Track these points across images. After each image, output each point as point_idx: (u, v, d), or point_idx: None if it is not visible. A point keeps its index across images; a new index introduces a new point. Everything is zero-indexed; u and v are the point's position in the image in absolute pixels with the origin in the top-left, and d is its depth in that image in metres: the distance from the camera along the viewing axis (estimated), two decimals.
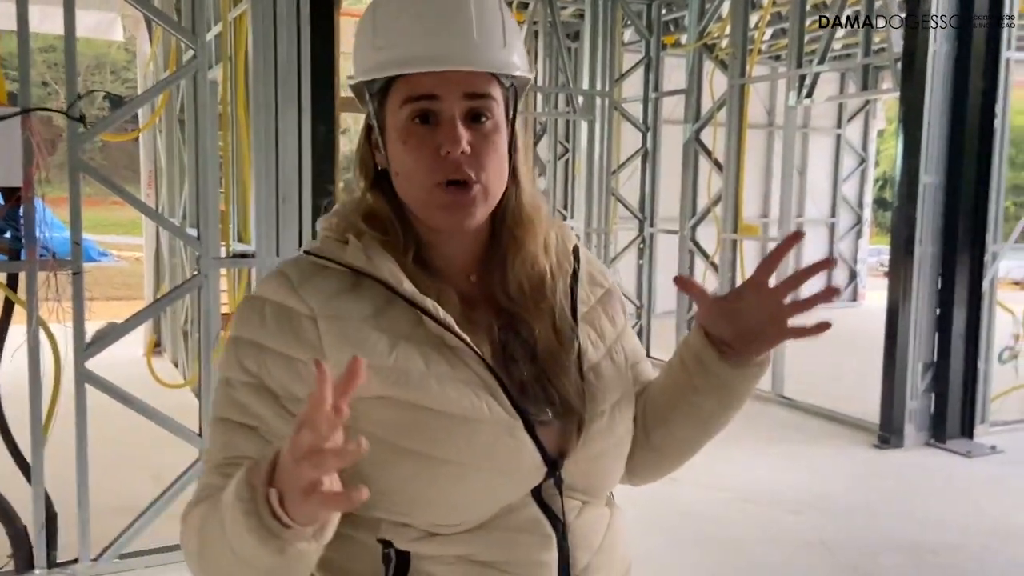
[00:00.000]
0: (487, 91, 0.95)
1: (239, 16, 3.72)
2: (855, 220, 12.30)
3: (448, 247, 1.01)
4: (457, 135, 0.92)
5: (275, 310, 0.93)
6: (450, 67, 0.92)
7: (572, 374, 0.99)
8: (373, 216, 0.99)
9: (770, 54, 10.68)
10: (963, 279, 5.21)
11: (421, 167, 0.94)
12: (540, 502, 0.94)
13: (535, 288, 1.01)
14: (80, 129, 3.07)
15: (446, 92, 0.92)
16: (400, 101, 0.94)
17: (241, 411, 0.92)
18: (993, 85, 5.10)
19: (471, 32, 0.92)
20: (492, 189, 0.96)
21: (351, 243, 0.95)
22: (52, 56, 23.69)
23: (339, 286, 0.94)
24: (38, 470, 3.11)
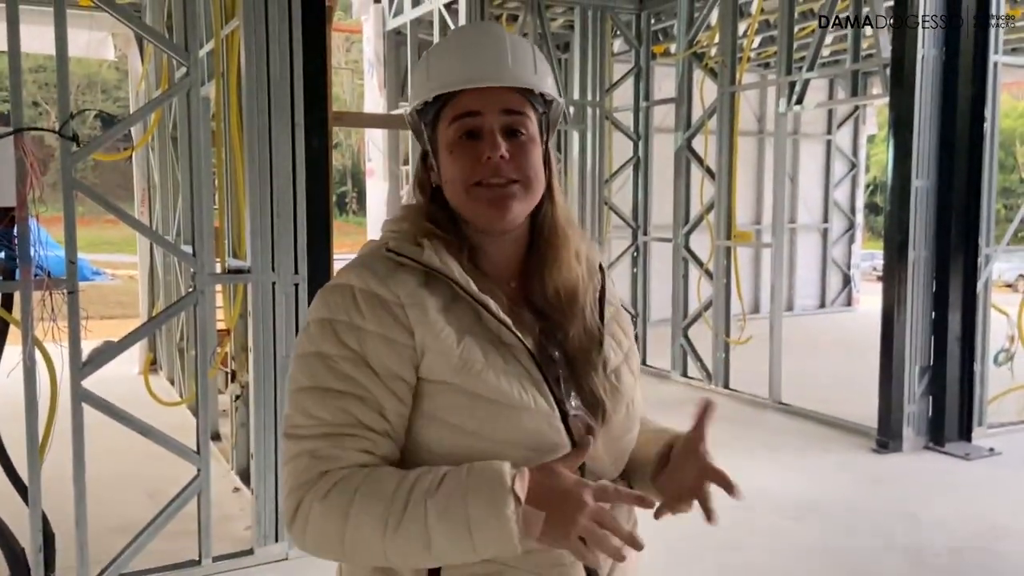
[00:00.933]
0: (522, 109, 1.11)
1: (231, 33, 3.73)
2: (847, 225, 12.35)
3: (493, 252, 1.15)
4: (496, 142, 1.09)
5: (366, 297, 1.06)
6: (486, 84, 1.09)
7: (600, 373, 1.14)
8: (435, 223, 1.14)
9: (759, 61, 10.74)
10: (957, 282, 5.23)
11: (465, 171, 1.10)
12: None
13: (569, 294, 1.15)
14: (73, 148, 3.07)
15: (486, 108, 1.10)
16: (448, 121, 1.11)
17: (347, 381, 1.04)
18: (982, 89, 5.13)
19: (506, 59, 1.11)
20: (531, 187, 1.12)
21: (426, 246, 1.10)
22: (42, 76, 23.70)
23: (416, 281, 1.08)
24: (35, 491, 3.09)
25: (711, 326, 6.91)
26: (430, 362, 1.05)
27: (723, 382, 6.82)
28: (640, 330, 7.99)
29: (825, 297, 12.17)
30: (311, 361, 1.06)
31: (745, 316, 6.92)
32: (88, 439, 3.17)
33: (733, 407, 6.39)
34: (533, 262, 1.17)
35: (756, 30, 7.66)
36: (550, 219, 1.17)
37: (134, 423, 3.25)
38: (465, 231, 1.14)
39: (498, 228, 1.12)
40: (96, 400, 3.15)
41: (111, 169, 20.94)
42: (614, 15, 7.66)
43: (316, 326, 1.07)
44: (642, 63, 7.89)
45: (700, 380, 7.05)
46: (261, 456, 3.49)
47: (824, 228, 12.01)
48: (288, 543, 3.54)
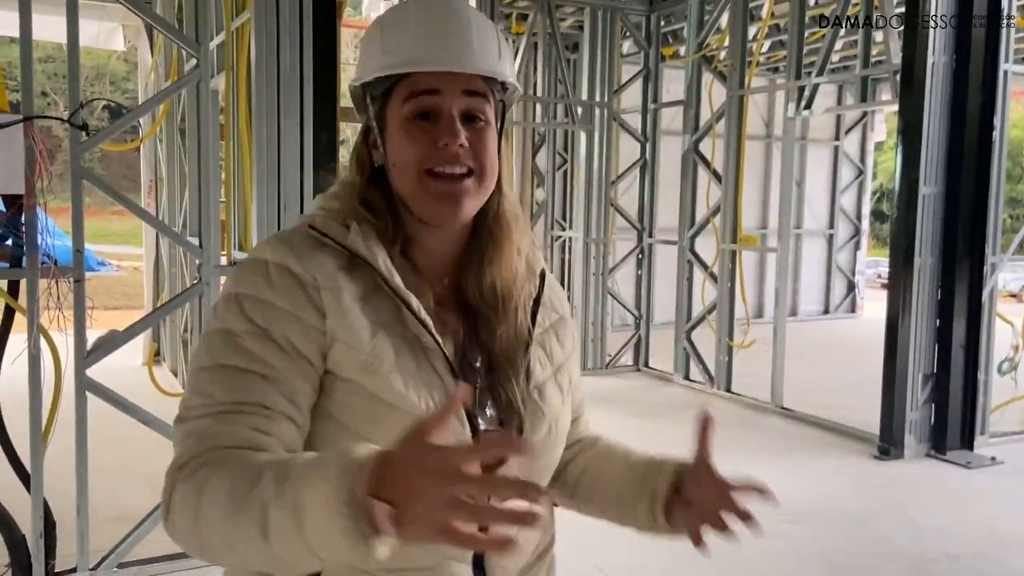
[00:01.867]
0: (483, 91, 1.04)
1: (241, 26, 3.73)
2: (853, 232, 12.33)
3: (431, 244, 1.07)
4: (456, 128, 1.01)
5: (280, 272, 0.97)
6: (452, 68, 1.01)
7: (521, 387, 1.05)
8: (369, 206, 1.05)
9: (768, 66, 10.73)
10: (962, 290, 5.22)
11: (418, 156, 1.01)
12: None
13: (504, 290, 1.07)
14: (82, 137, 3.08)
15: (446, 88, 1.01)
16: (403, 97, 1.02)
17: (249, 359, 0.93)
18: (991, 97, 5.12)
19: (471, 41, 1.02)
20: (485, 182, 1.04)
21: (352, 229, 1.01)
22: (51, 66, 23.74)
23: (336, 264, 0.99)
24: (37, 478, 3.10)
25: (714, 329, 6.91)
26: (337, 354, 0.95)
27: (725, 386, 6.81)
28: (643, 332, 7.99)
29: (829, 303, 12.15)
30: (214, 338, 0.95)
31: (749, 320, 6.91)
32: (91, 428, 3.18)
33: (735, 411, 6.38)
34: (472, 255, 1.08)
35: (766, 34, 7.66)
36: (495, 210, 1.08)
37: (137, 412, 3.26)
38: (403, 218, 1.05)
39: (446, 224, 1.04)
40: (100, 389, 3.16)
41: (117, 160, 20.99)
42: (624, 16, 7.65)
43: (223, 302, 0.98)
44: (651, 65, 7.88)
45: (702, 383, 7.04)
46: None
47: (830, 234, 11.99)
48: None
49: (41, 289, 3.01)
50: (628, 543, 1.12)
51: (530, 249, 1.13)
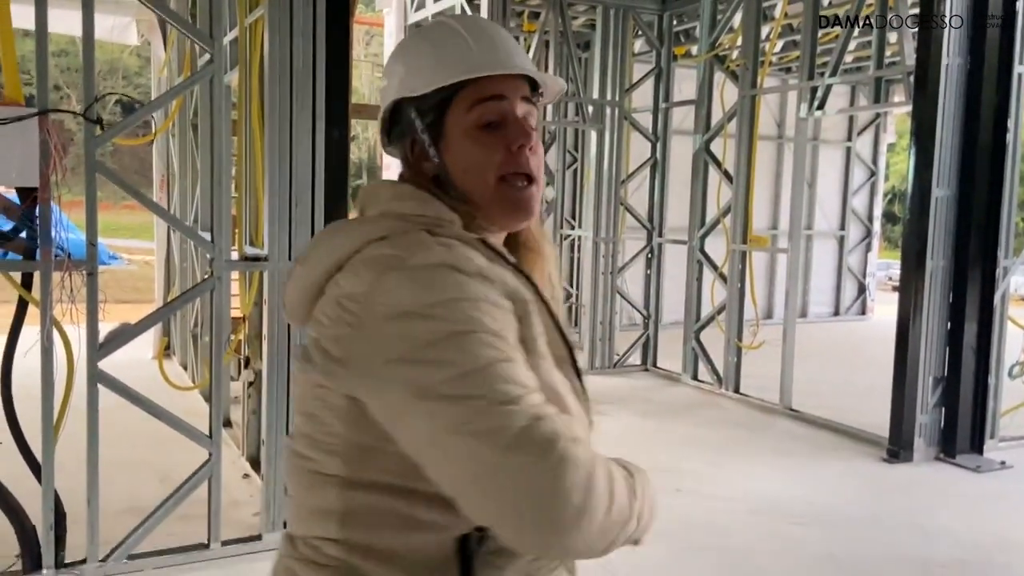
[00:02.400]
0: (534, 100, 1.09)
1: (255, 22, 3.75)
2: (864, 233, 12.27)
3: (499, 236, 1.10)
4: (528, 129, 1.05)
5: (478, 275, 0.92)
6: (519, 71, 1.05)
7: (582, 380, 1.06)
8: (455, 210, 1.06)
9: (781, 66, 10.69)
10: (974, 293, 5.19)
11: (494, 161, 1.03)
12: None
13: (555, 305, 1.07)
14: (97, 131, 3.09)
15: (511, 94, 1.05)
16: (468, 105, 1.04)
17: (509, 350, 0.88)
18: (1006, 100, 5.09)
19: (520, 49, 1.10)
20: (541, 189, 1.08)
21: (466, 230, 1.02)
22: (64, 60, 23.86)
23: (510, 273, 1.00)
24: (48, 470, 3.12)
25: (724, 330, 6.89)
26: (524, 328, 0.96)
27: (734, 386, 6.80)
28: (652, 332, 7.98)
29: (839, 305, 12.10)
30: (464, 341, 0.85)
31: (758, 321, 6.89)
32: (102, 421, 3.20)
33: (743, 412, 6.37)
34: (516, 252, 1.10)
35: (779, 34, 7.63)
36: (535, 225, 1.11)
37: (147, 405, 3.28)
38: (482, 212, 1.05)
39: (516, 227, 1.08)
40: (111, 381, 3.18)
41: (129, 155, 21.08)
42: (636, 15, 7.64)
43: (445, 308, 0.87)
44: (663, 64, 7.86)
45: (711, 384, 7.03)
46: (272, 443, 3.51)
47: (841, 236, 11.94)
48: None
49: (54, 282, 3.03)
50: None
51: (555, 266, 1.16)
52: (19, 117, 2.90)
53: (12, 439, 3.15)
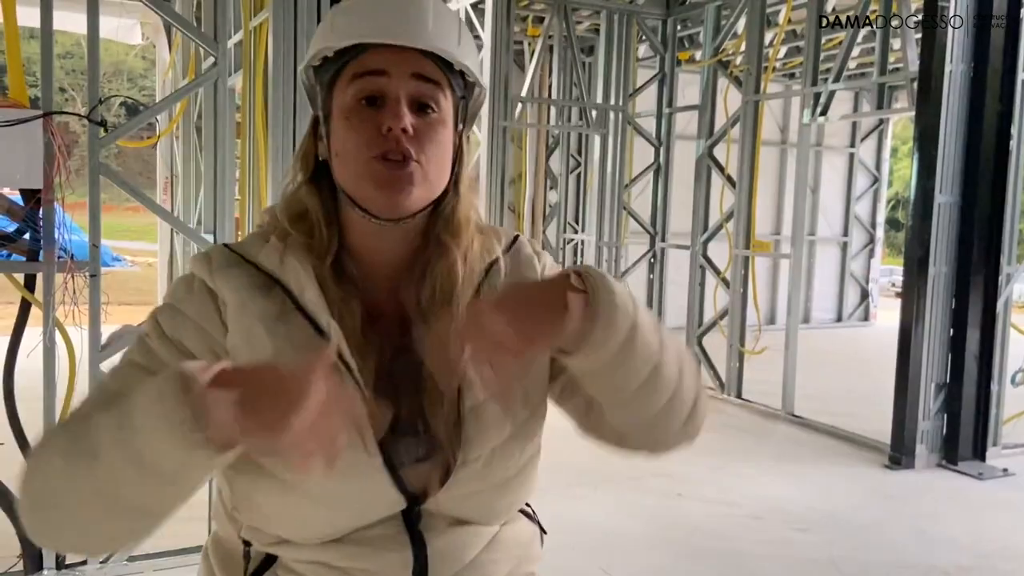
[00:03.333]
0: (436, 79, 0.95)
1: (259, 25, 3.76)
2: (867, 239, 12.26)
3: (375, 247, 0.99)
4: (400, 111, 0.92)
5: (199, 285, 0.97)
6: (398, 41, 0.92)
7: (445, 415, 0.95)
8: (302, 217, 0.99)
9: (784, 71, 10.69)
10: (977, 300, 5.18)
11: (361, 142, 0.93)
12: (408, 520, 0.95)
13: (444, 295, 0.97)
14: (101, 133, 3.10)
15: (395, 70, 0.93)
16: (348, 79, 0.95)
17: (148, 357, 0.95)
18: (1010, 106, 5.09)
19: (426, 21, 0.94)
20: (430, 174, 0.95)
21: (270, 243, 0.97)
22: (69, 62, 23.94)
23: (251, 282, 0.96)
24: None
25: (726, 335, 6.89)
26: None
27: (736, 392, 6.79)
28: None
29: (842, 311, 12.09)
30: (135, 343, 0.99)
31: (761, 327, 6.89)
32: None
33: (745, 417, 6.36)
34: (417, 262, 1.00)
35: (782, 40, 7.63)
36: (447, 213, 0.99)
37: None
38: (344, 221, 0.98)
39: (392, 213, 0.95)
40: None
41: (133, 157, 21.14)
42: (640, 20, 7.65)
43: (152, 312, 1.01)
44: (666, 69, 7.87)
45: (713, 389, 7.02)
46: None
47: (844, 241, 11.93)
48: None
49: (57, 283, 3.04)
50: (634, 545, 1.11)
51: (482, 245, 1.02)
52: (24, 119, 2.91)
53: (14, 440, 3.15)
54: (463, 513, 0.97)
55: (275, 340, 0.91)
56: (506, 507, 1.02)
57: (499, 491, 0.99)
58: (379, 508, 0.94)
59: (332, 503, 0.92)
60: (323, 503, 0.92)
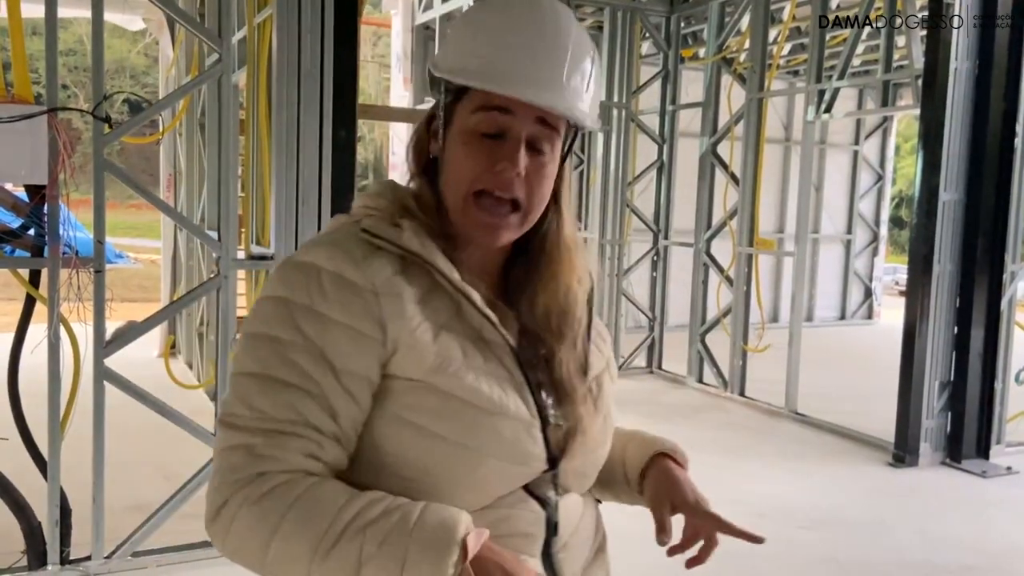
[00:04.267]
0: (556, 125, 1.00)
1: (263, 21, 3.76)
2: (871, 237, 12.24)
3: (476, 246, 1.04)
4: (518, 156, 0.97)
5: (334, 281, 0.94)
6: (533, 101, 0.96)
7: (583, 383, 1.06)
8: (418, 202, 1.03)
9: (788, 69, 10.67)
10: (981, 298, 5.17)
11: (472, 174, 0.98)
12: (528, 489, 1.02)
13: (560, 316, 1.05)
14: (105, 130, 3.10)
15: (521, 112, 0.97)
16: (474, 107, 0.98)
17: (299, 374, 0.91)
18: (1014, 103, 5.08)
19: (561, 71, 0.97)
20: (531, 216, 1.01)
21: (406, 227, 0.98)
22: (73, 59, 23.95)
23: (393, 268, 0.96)
24: (54, 466, 3.13)
25: (729, 333, 6.88)
26: (401, 359, 0.94)
27: (739, 390, 6.79)
28: (657, 335, 7.97)
29: (846, 309, 12.07)
30: (260, 344, 0.93)
31: (764, 325, 6.88)
32: (107, 419, 3.21)
33: (748, 415, 6.35)
34: (524, 273, 1.06)
35: (787, 37, 7.61)
36: (555, 235, 1.06)
37: (153, 403, 3.28)
38: (450, 215, 1.03)
39: (483, 246, 1.02)
40: (117, 379, 3.19)
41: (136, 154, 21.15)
42: (644, 17, 7.63)
43: (271, 304, 0.95)
44: (670, 66, 7.86)
45: (716, 387, 7.02)
46: None
47: (847, 239, 11.91)
48: None
49: (61, 279, 3.04)
50: (635, 548, 1.12)
51: (587, 263, 1.10)
52: (28, 115, 2.91)
53: (19, 436, 3.16)
54: (579, 476, 1.07)
55: (427, 321, 0.95)
56: (594, 475, 1.13)
57: (601, 455, 1.12)
58: (531, 465, 0.99)
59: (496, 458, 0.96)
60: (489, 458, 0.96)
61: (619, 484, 1.20)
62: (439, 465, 0.95)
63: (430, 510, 0.88)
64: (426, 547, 0.84)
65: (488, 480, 0.97)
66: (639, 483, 1.17)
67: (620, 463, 1.19)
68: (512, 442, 0.96)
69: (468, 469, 0.95)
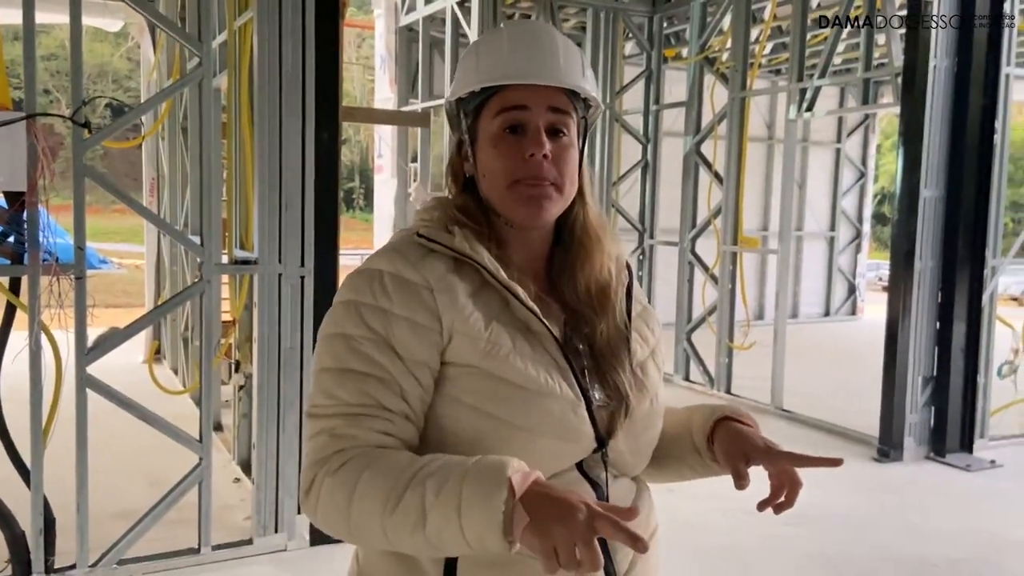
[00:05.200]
0: (567, 109, 1.14)
1: (244, 24, 3.74)
2: (854, 234, 12.33)
3: (519, 247, 1.17)
4: (541, 140, 1.11)
5: (394, 280, 1.07)
6: (539, 81, 1.11)
7: (626, 367, 1.15)
8: (466, 213, 1.16)
9: (770, 68, 10.73)
10: (963, 293, 5.22)
11: (508, 167, 1.12)
12: (582, 471, 1.11)
13: (600, 291, 1.18)
14: (85, 135, 3.08)
15: (534, 104, 1.12)
16: (494, 112, 1.13)
17: (369, 363, 1.05)
18: (993, 100, 5.13)
19: (558, 59, 1.14)
20: (564, 191, 1.14)
21: (457, 233, 1.11)
22: (54, 64, 23.78)
23: (446, 267, 1.10)
24: (37, 475, 3.11)
25: (715, 331, 6.91)
26: (457, 346, 1.06)
27: (725, 387, 6.82)
28: None
29: (830, 305, 12.15)
30: (334, 342, 1.07)
31: (749, 322, 6.91)
32: (91, 426, 3.18)
33: None
34: (562, 260, 1.19)
35: (768, 36, 7.66)
36: (582, 221, 1.19)
37: (137, 410, 3.26)
38: (495, 223, 1.16)
39: (531, 225, 1.14)
40: (100, 386, 3.17)
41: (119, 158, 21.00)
42: (626, 17, 7.66)
43: (342, 308, 1.09)
44: (653, 66, 7.89)
45: (702, 384, 7.05)
46: (263, 447, 3.50)
47: (831, 236, 11.99)
48: (287, 534, 3.56)
49: (42, 286, 3.02)
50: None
51: (619, 249, 1.24)
52: (7, 121, 2.89)
53: (1, 444, 3.13)
54: (627, 456, 1.15)
55: (479, 312, 1.08)
56: (644, 459, 1.21)
57: (651, 438, 1.20)
58: (580, 443, 1.09)
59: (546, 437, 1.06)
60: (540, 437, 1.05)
61: (689, 455, 1.25)
62: (495, 443, 1.04)
63: (482, 459, 0.96)
64: (476, 489, 0.91)
65: (542, 456, 1.05)
66: (709, 449, 1.22)
67: (688, 433, 1.25)
68: (560, 420, 1.06)
69: (521, 445, 1.04)
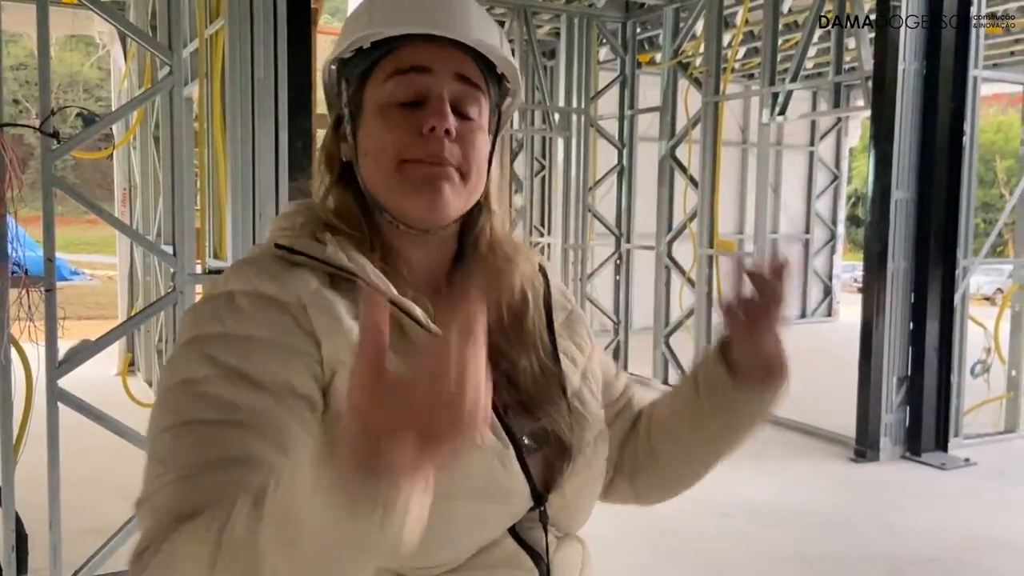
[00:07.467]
0: (477, 82, 0.89)
1: (215, 33, 3.71)
2: (829, 236, 12.45)
3: (412, 256, 0.91)
4: (445, 111, 0.85)
5: (250, 299, 0.81)
6: (447, 33, 0.86)
7: (561, 404, 0.92)
8: (340, 215, 0.90)
9: (743, 72, 10.82)
10: (935, 294, 5.28)
11: (398, 141, 0.86)
12: (517, 537, 0.86)
13: (514, 321, 0.93)
14: (54, 145, 3.04)
15: (439, 67, 0.86)
16: (386, 76, 0.87)
17: (220, 407, 0.75)
18: (961, 102, 5.20)
19: (470, 16, 0.88)
20: (469, 180, 0.88)
21: (328, 240, 0.85)
22: (23, 74, 23.50)
23: (319, 281, 0.83)
24: (8, 491, 3.05)
25: (693, 334, 6.94)
26: (341, 387, 0.76)
27: None
28: (622, 338, 8.01)
29: (806, 307, 12.25)
30: (172, 395, 0.77)
31: None
32: (63, 440, 3.13)
33: None
34: (464, 280, 0.93)
35: (740, 41, 7.73)
36: (488, 236, 0.94)
37: (110, 423, 3.21)
38: (380, 226, 0.90)
39: (427, 219, 0.88)
40: (72, 400, 3.12)
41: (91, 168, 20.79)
42: (600, 23, 7.69)
43: (180, 351, 0.80)
44: (627, 71, 7.93)
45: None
46: None
47: (806, 239, 12.10)
48: None
49: (11, 299, 2.97)
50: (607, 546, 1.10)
51: (529, 259, 0.98)
52: None
53: None
54: (571, 511, 0.92)
55: None
56: (590, 510, 0.97)
57: (596, 486, 0.97)
58: (511, 503, 0.84)
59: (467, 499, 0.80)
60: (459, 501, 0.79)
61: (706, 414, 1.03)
62: None
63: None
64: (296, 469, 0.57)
65: (462, 525, 0.81)
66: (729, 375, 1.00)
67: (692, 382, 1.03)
68: (483, 476, 0.82)
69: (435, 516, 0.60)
